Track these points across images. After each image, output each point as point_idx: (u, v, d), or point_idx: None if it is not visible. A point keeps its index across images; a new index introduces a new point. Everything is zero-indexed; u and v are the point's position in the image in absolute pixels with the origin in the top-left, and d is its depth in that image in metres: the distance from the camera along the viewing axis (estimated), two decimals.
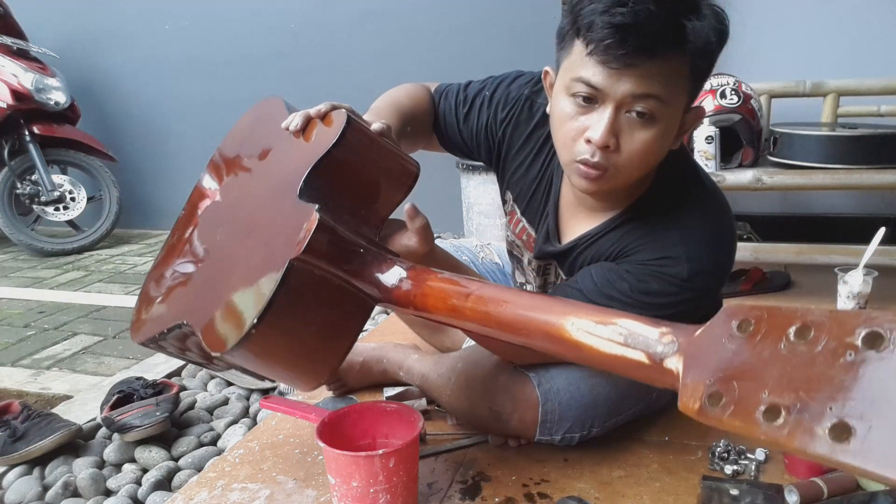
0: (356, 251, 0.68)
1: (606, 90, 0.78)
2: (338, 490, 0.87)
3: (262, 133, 0.88)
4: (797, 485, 0.90)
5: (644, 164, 0.84)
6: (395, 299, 0.67)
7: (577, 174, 0.85)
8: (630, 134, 0.80)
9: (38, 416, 1.25)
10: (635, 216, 0.93)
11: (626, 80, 0.77)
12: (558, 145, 0.88)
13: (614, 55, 0.75)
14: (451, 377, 1.11)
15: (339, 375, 1.29)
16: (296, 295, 0.64)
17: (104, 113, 3.40)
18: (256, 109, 0.94)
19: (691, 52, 0.77)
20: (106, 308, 2.17)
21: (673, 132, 0.85)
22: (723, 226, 0.93)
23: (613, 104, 0.79)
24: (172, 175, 3.41)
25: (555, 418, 0.99)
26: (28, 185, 2.93)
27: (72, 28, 3.32)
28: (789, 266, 2.06)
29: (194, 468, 1.17)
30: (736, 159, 1.81)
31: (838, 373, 0.33)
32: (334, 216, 0.67)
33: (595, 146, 0.80)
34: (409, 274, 0.67)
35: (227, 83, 3.16)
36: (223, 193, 0.91)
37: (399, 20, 2.84)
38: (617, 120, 0.79)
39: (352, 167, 0.73)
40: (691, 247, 0.87)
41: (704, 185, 0.96)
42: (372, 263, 0.68)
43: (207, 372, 1.58)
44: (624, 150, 0.81)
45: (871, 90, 2.00)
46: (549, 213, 1.04)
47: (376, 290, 0.67)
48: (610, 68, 0.76)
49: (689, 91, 0.82)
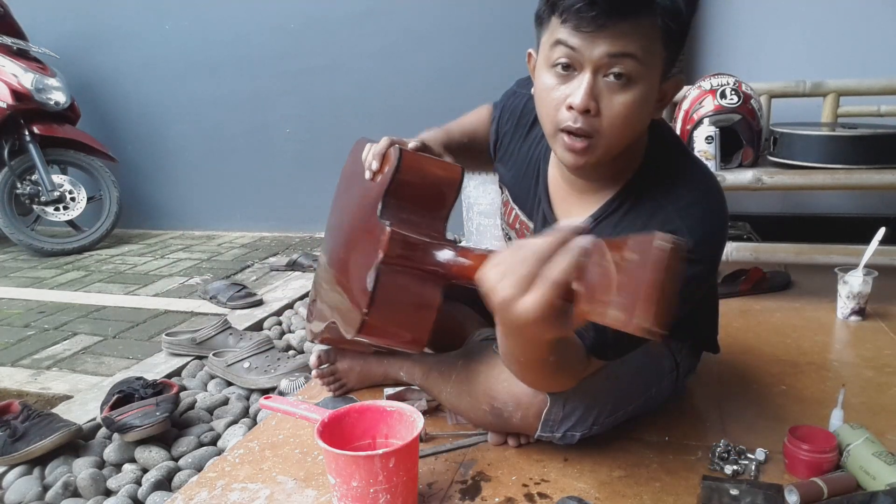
0: (422, 246, 0.89)
1: (582, 52, 0.81)
2: (338, 490, 0.87)
3: (355, 168, 1.14)
4: (797, 485, 0.90)
5: (626, 129, 0.86)
6: (454, 274, 0.87)
7: (563, 147, 0.88)
8: (610, 97, 0.83)
9: (38, 416, 1.25)
10: (629, 198, 0.95)
11: (600, 41, 0.80)
12: (543, 118, 0.91)
13: (586, 18, 0.79)
14: (452, 375, 1.11)
15: (341, 376, 1.30)
16: (387, 287, 0.87)
17: (104, 113, 3.40)
18: (353, 149, 1.20)
19: (660, 12, 0.80)
20: (106, 308, 2.17)
21: (652, 98, 0.87)
22: (715, 195, 0.96)
23: (591, 68, 0.82)
24: (172, 175, 3.41)
25: (558, 417, 0.99)
26: (28, 185, 2.93)
27: (72, 28, 3.32)
28: (789, 266, 2.06)
29: (194, 468, 1.17)
30: (736, 159, 1.81)
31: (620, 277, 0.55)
32: (403, 225, 0.90)
33: (576, 111, 0.83)
34: (458, 253, 0.87)
35: (227, 83, 3.17)
36: (336, 217, 1.23)
37: (399, 20, 2.84)
38: (596, 84, 0.83)
39: (410, 186, 0.96)
40: (690, 219, 0.89)
41: (690, 158, 0.99)
42: (435, 252, 0.89)
43: (207, 372, 1.59)
44: (605, 115, 0.84)
45: (871, 90, 2.00)
46: (540, 199, 1.06)
47: (441, 269, 0.88)
48: (583, 32, 0.80)
49: (665, 56, 0.85)
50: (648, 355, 1.04)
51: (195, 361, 1.65)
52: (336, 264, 1.12)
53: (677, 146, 1.01)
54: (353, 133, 1.28)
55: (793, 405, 1.22)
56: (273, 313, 2.01)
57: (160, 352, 1.72)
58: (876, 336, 1.57)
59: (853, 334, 1.60)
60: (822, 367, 1.39)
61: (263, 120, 3.17)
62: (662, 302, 0.53)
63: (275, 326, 1.93)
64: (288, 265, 2.55)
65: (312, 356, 1.30)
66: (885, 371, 1.36)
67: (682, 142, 1.05)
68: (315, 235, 3.23)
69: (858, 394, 1.25)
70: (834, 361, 1.43)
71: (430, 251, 0.89)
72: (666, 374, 1.10)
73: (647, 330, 0.52)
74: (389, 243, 0.87)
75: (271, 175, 3.24)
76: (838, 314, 1.69)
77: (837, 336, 1.60)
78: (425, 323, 0.91)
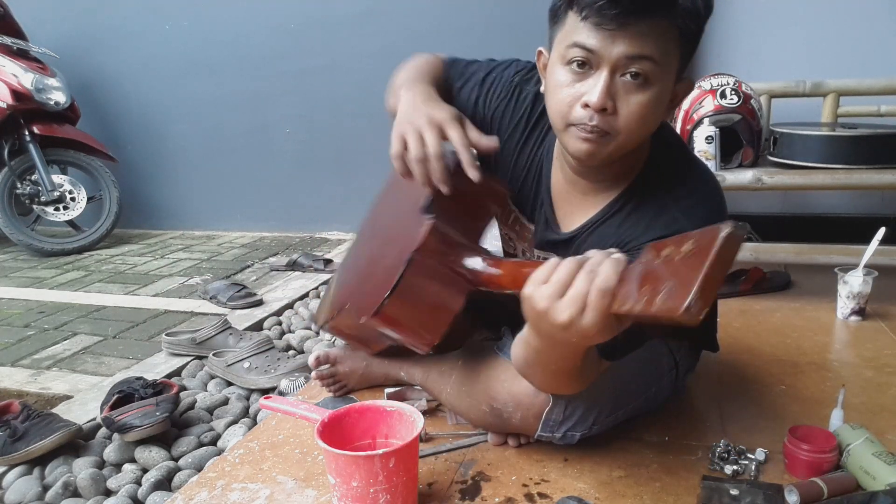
0: (457, 248, 0.90)
1: (601, 52, 0.80)
2: (338, 490, 0.87)
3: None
4: (797, 485, 0.90)
5: (641, 128, 0.86)
6: (482, 282, 0.87)
7: (575, 137, 0.87)
8: (626, 97, 0.83)
9: (38, 416, 1.25)
10: (632, 198, 0.95)
11: (620, 41, 0.79)
12: (552, 113, 0.89)
13: (608, 16, 0.78)
14: (452, 375, 1.11)
15: (341, 378, 1.30)
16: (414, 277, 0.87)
17: (104, 113, 3.40)
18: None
19: (681, 13, 0.80)
20: (106, 308, 2.17)
21: (666, 98, 0.87)
22: (717, 196, 0.96)
23: (609, 67, 0.81)
24: (172, 175, 3.41)
25: (559, 418, 0.99)
26: (28, 185, 2.93)
27: (72, 28, 3.32)
28: (789, 266, 2.06)
29: (194, 468, 1.17)
30: (736, 159, 1.81)
31: (674, 267, 0.58)
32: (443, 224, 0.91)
33: (593, 109, 0.82)
34: (489, 263, 0.88)
35: (227, 83, 3.16)
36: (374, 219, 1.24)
37: (399, 20, 2.84)
38: (613, 83, 0.82)
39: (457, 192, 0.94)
40: (695, 220, 0.89)
41: (692, 158, 1.00)
42: (468, 257, 0.90)
43: (207, 372, 1.59)
44: (621, 114, 0.83)
45: (871, 90, 2.00)
46: (543, 201, 1.05)
47: (469, 275, 0.89)
48: (605, 30, 0.79)
49: (680, 56, 0.85)
50: (648, 354, 1.04)
51: (195, 361, 1.65)
52: (367, 253, 1.13)
53: (679, 147, 1.01)
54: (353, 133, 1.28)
55: (793, 405, 1.22)
56: (273, 313, 2.01)
57: (160, 352, 1.72)
58: (876, 336, 1.57)
59: (853, 334, 1.60)
60: (822, 367, 1.39)
61: (263, 120, 3.17)
62: (716, 288, 0.54)
63: (275, 326, 1.93)
64: (288, 265, 2.55)
65: (311, 357, 1.30)
66: (885, 371, 1.36)
67: (683, 142, 1.05)
68: (315, 235, 3.23)
69: (858, 394, 1.25)
70: (834, 361, 1.43)
71: (464, 254, 0.90)
72: (665, 373, 1.10)
73: (696, 316, 0.53)
74: (428, 235, 0.88)
75: (271, 175, 3.23)
76: (838, 314, 1.69)
77: (837, 336, 1.60)
78: (441, 324, 0.90)
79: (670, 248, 0.61)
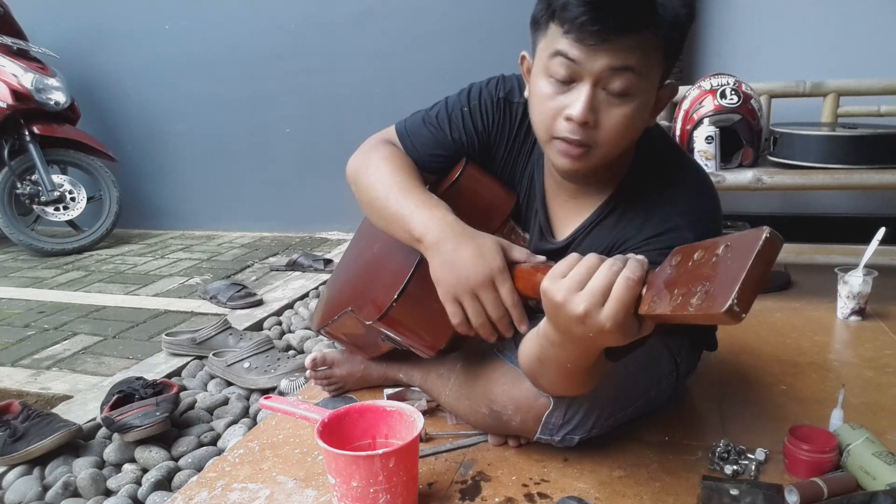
0: None
1: (583, 65, 0.80)
2: (338, 490, 0.87)
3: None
4: (797, 485, 0.90)
5: (623, 139, 0.86)
6: None
7: (558, 151, 0.87)
8: (609, 109, 0.83)
9: (38, 416, 1.25)
10: (624, 199, 0.95)
11: (602, 55, 0.79)
12: (536, 124, 0.90)
13: (589, 31, 0.77)
14: (451, 377, 1.11)
15: (338, 380, 1.29)
16: (422, 280, 0.88)
17: (104, 113, 3.40)
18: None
19: (663, 25, 0.79)
20: (106, 308, 2.17)
21: (649, 107, 0.87)
22: (709, 189, 0.97)
23: (591, 80, 0.81)
24: (172, 175, 3.41)
25: (559, 421, 0.98)
26: (28, 185, 2.93)
27: (72, 28, 3.32)
28: (789, 266, 2.06)
29: (194, 468, 1.17)
30: (736, 159, 1.81)
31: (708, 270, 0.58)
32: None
33: (575, 123, 0.83)
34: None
35: (227, 83, 3.16)
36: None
37: (399, 20, 2.84)
38: (595, 96, 0.82)
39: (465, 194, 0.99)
40: (688, 215, 0.90)
41: (680, 153, 1.00)
42: None
43: (207, 372, 1.59)
44: (603, 126, 0.84)
45: (871, 90, 2.00)
46: (537, 210, 1.05)
47: None
48: (586, 45, 0.79)
49: (663, 65, 0.85)
50: (648, 358, 1.04)
51: (195, 361, 1.65)
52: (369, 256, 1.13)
53: (666, 143, 1.01)
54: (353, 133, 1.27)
55: (793, 405, 1.22)
56: (273, 313, 2.01)
57: (160, 352, 1.72)
58: (876, 336, 1.57)
59: (853, 334, 1.60)
60: (822, 367, 1.39)
61: (263, 120, 3.17)
62: (758, 289, 0.54)
63: (275, 326, 1.93)
64: (288, 265, 2.55)
65: (308, 359, 1.30)
66: (885, 371, 1.36)
67: (669, 137, 1.05)
68: (315, 235, 3.23)
69: (858, 394, 1.25)
70: (834, 361, 1.43)
71: None
72: (665, 375, 1.10)
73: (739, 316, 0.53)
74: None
75: (271, 175, 3.24)
76: (838, 314, 1.69)
77: (837, 336, 1.60)
78: (447, 329, 0.90)
79: (701, 251, 0.61)
